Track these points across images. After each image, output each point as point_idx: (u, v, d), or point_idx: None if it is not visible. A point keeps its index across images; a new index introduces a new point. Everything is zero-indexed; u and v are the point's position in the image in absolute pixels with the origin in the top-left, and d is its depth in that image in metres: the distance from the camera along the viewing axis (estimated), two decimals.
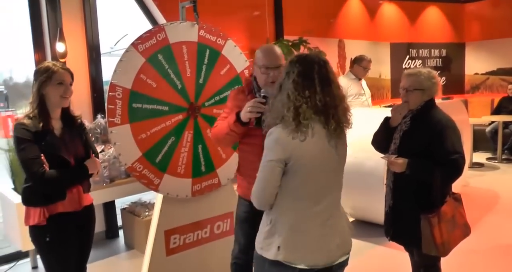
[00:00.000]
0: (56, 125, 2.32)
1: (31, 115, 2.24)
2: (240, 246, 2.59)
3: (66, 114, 2.40)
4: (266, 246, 1.81)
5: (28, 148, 2.16)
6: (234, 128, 2.30)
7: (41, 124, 2.22)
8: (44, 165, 2.18)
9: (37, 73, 2.27)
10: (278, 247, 1.77)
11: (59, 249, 2.29)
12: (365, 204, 3.72)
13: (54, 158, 2.22)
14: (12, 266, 3.87)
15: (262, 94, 2.31)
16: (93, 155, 2.44)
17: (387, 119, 2.60)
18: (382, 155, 2.53)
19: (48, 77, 2.25)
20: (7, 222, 3.93)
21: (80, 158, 2.37)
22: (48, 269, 2.35)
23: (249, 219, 2.50)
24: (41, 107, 2.25)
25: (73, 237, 2.36)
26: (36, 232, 2.27)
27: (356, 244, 3.85)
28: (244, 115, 2.24)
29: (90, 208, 2.49)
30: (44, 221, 2.22)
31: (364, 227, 4.15)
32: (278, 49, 2.44)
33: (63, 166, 2.25)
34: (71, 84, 2.34)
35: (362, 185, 3.77)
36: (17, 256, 3.97)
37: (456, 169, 2.31)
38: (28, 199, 2.26)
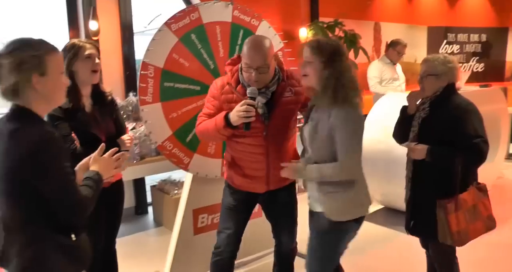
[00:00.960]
0: (87, 102, 2.33)
1: None
2: (230, 236, 2.51)
3: (97, 91, 2.40)
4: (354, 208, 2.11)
5: (60, 125, 2.18)
6: (224, 132, 2.27)
7: (72, 102, 2.22)
8: (76, 141, 2.20)
9: (64, 51, 2.26)
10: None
11: (88, 224, 2.32)
12: (394, 192, 3.66)
13: (85, 135, 2.24)
14: None
15: (249, 95, 2.22)
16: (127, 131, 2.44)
17: (404, 109, 2.52)
18: (404, 143, 2.47)
19: (75, 53, 2.24)
20: None
21: (111, 135, 2.38)
22: None
23: (238, 207, 2.51)
24: (72, 85, 2.23)
25: (102, 213, 2.36)
26: None
27: (384, 231, 3.85)
28: (237, 120, 2.17)
29: (119, 184, 2.52)
30: None
31: (393, 215, 4.10)
32: (265, 46, 2.22)
33: (94, 143, 2.22)
34: (99, 58, 2.33)
35: (391, 172, 3.70)
36: None
37: (478, 154, 2.22)
38: None
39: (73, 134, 2.21)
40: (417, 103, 2.47)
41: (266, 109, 2.30)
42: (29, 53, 1.46)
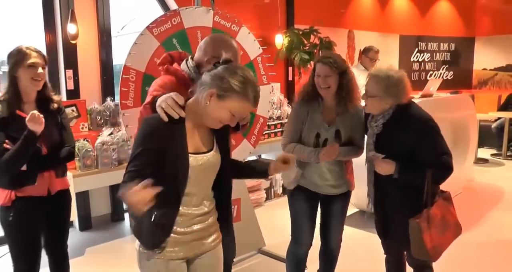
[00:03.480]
0: (30, 109, 2.22)
1: (1, 99, 2.22)
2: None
3: (42, 98, 2.34)
4: None
5: None
6: None
7: (9, 109, 2.19)
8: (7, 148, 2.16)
9: (9, 56, 2.25)
10: None
11: (21, 231, 2.30)
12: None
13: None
14: None
15: None
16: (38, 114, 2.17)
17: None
18: (371, 153, 2.34)
19: (19, 60, 2.21)
20: None
21: (55, 145, 2.34)
22: (10, 251, 2.34)
23: None
24: (13, 91, 2.23)
25: (39, 222, 2.35)
26: (1, 212, 2.28)
27: (360, 234, 3.91)
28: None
29: (63, 194, 2.46)
30: (9, 203, 2.23)
31: (368, 218, 4.17)
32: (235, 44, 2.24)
33: (33, 153, 2.21)
34: (43, 68, 2.28)
35: (363, 176, 3.77)
36: None
37: (448, 170, 2.20)
38: None
39: (6, 144, 2.16)
40: (369, 118, 2.39)
41: None
42: None
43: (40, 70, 2.25)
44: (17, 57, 2.21)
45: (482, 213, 4.61)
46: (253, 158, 4.23)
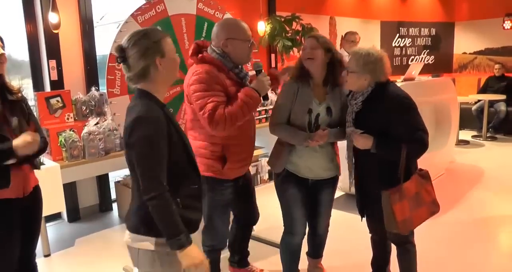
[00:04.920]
0: None
1: None
2: (223, 235, 2.65)
3: (2, 87, 2.09)
4: None
5: None
6: (257, 105, 2.37)
7: None
8: None
9: None
10: None
11: (1, 235, 2.07)
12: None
13: None
14: None
15: (257, 69, 2.40)
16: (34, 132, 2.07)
17: None
18: (349, 129, 2.41)
19: None
20: None
21: None
22: None
23: (232, 201, 2.61)
24: None
25: (16, 224, 2.13)
26: None
27: (345, 216, 3.99)
28: (266, 90, 2.37)
29: (35, 189, 2.25)
30: None
31: (352, 201, 4.25)
32: None
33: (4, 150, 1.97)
34: (3, 49, 2.05)
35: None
36: None
37: (423, 145, 2.27)
38: None
39: None
40: (348, 96, 2.48)
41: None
42: (150, 41, 1.64)
43: (1, 51, 2.03)
44: None
45: (463, 192, 4.74)
46: None
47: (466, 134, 7.67)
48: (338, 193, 4.60)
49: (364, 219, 2.58)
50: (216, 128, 2.22)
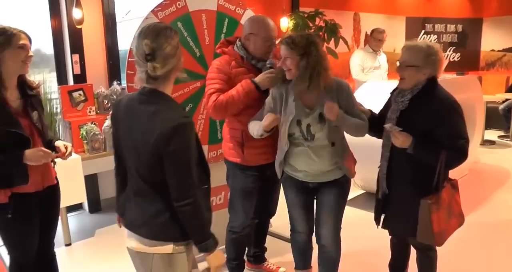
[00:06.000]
0: (13, 95, 2.08)
1: None
2: (242, 220, 2.69)
3: (23, 83, 2.15)
4: None
5: None
6: (252, 95, 2.39)
7: None
8: None
9: None
10: None
11: (20, 227, 2.15)
12: (374, 177, 3.77)
13: (10, 136, 2.00)
14: None
15: (268, 65, 2.44)
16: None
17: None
18: (388, 125, 2.23)
19: (7, 40, 2.00)
20: None
21: (46, 133, 2.22)
22: (8, 247, 2.21)
23: (257, 189, 2.65)
24: None
25: (35, 215, 2.20)
26: None
27: (365, 215, 3.95)
28: (265, 83, 2.38)
29: (54, 188, 2.31)
30: (6, 199, 2.06)
31: (373, 200, 4.20)
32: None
33: (24, 144, 2.03)
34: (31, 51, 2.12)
35: (371, 158, 3.77)
36: None
37: (463, 155, 2.15)
38: None
39: None
40: (394, 94, 2.33)
41: None
42: (176, 40, 1.60)
43: (30, 53, 2.09)
44: (4, 37, 2.00)
45: (488, 194, 4.63)
46: None
47: (493, 134, 7.47)
48: (358, 192, 4.62)
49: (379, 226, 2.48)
50: (211, 112, 2.47)
